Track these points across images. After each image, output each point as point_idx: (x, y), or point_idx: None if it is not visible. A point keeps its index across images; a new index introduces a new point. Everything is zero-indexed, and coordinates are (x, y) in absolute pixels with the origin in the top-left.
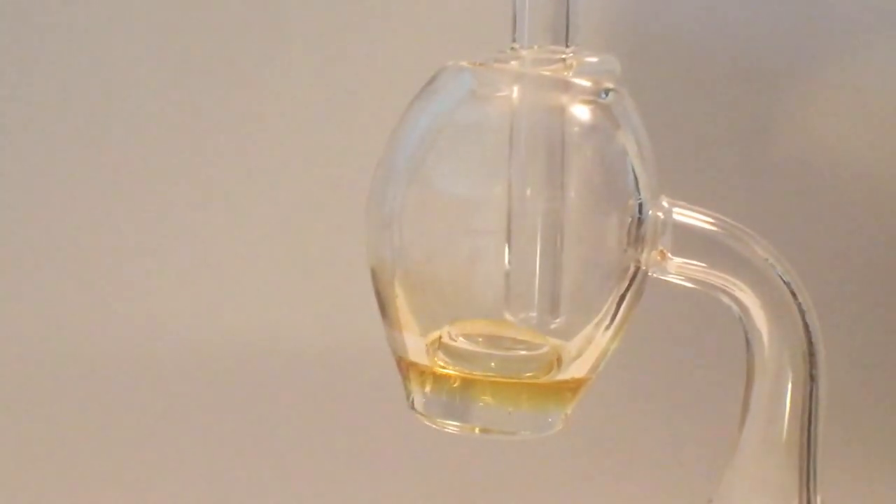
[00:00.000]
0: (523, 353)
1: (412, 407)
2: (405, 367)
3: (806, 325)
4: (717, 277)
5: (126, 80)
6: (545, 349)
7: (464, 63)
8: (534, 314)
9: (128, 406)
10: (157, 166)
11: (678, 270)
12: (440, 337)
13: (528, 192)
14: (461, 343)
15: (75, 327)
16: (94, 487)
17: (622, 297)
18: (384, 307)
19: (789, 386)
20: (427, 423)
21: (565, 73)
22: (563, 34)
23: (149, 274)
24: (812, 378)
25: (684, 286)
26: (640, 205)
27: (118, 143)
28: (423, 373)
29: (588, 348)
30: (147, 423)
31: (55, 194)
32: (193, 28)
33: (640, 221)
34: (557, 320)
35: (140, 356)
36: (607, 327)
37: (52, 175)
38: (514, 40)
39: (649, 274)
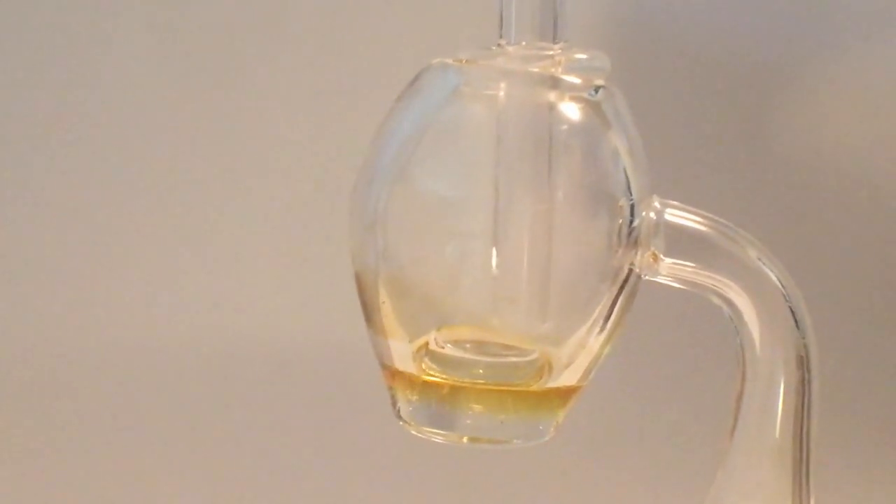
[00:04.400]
0: (512, 359)
1: (398, 416)
2: (391, 375)
3: (798, 327)
4: (709, 279)
5: (124, 79)
6: (535, 355)
7: (448, 60)
8: (522, 319)
9: (125, 405)
10: (154, 166)
11: (669, 272)
12: (427, 344)
13: (516, 192)
14: (448, 350)
15: (72, 327)
16: (92, 486)
17: (614, 301)
18: (369, 313)
19: (781, 388)
20: (414, 433)
21: (553, 70)
22: (552, 30)
23: (146, 272)
24: (805, 381)
25: (675, 287)
26: (632, 206)
27: (116, 143)
28: (409, 381)
29: (580, 354)
30: (145, 422)
31: (54, 193)
32: (187, 29)
33: (631, 223)
34: (547, 325)
35: (138, 355)
36: (599, 332)
37: (50, 174)
38: (500, 36)
39: (641, 276)
